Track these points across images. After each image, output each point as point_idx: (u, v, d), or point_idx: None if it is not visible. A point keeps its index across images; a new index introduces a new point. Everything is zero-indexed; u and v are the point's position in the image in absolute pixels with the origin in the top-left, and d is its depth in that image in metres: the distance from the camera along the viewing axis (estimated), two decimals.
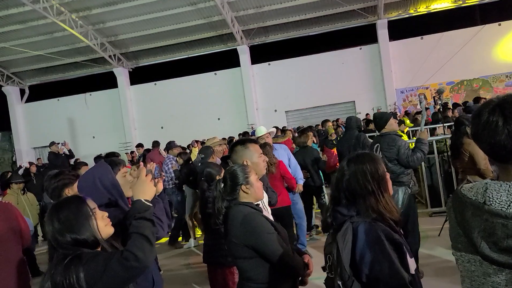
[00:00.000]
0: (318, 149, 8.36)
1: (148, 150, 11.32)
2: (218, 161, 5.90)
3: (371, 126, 9.35)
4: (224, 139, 12.33)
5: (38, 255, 6.98)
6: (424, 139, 4.52)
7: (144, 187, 2.03)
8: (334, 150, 7.69)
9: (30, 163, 13.83)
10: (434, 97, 12.14)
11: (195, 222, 7.63)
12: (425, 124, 8.08)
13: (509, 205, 1.20)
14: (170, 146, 8.40)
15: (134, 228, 1.83)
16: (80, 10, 16.25)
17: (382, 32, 17.43)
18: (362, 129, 7.73)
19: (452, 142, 5.08)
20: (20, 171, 11.27)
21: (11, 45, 17.66)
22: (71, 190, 3.06)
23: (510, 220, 1.18)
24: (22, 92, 21.69)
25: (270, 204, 3.32)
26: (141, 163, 2.20)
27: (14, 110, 21.23)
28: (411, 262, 1.80)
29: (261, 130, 5.97)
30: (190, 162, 7.61)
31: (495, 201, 1.23)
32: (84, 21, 16.87)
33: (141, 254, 1.72)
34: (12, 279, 2.91)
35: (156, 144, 10.85)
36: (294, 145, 7.60)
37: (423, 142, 4.48)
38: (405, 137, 7.34)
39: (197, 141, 11.17)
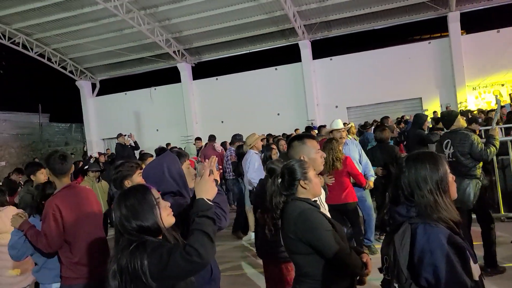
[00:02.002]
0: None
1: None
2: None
3: (440, 124, 8.86)
4: (284, 134, 12.32)
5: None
6: (495, 135, 4.70)
7: (206, 186, 2.06)
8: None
9: (100, 154, 14.60)
10: (510, 94, 11.32)
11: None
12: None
13: None
14: (233, 140, 8.54)
15: (197, 225, 1.87)
16: (147, 7, 16.91)
17: (454, 25, 16.47)
18: (425, 127, 7.46)
19: None
20: (91, 161, 11.93)
21: (84, 42, 18.79)
22: (131, 181, 3.21)
23: None
24: (93, 86, 22.98)
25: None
26: (206, 161, 2.23)
27: (86, 103, 22.56)
28: (475, 268, 1.70)
29: (338, 123, 5.84)
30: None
31: None
32: (151, 18, 17.53)
33: (203, 251, 1.77)
34: (100, 255, 3.33)
35: (212, 138, 10.90)
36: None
37: (495, 137, 4.68)
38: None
39: None
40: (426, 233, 1.70)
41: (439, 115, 10.97)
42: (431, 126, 9.99)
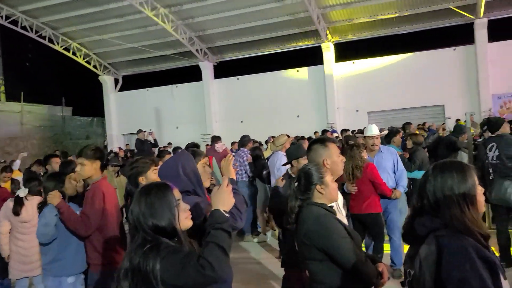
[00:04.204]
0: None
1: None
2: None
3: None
4: (303, 137, 12.22)
5: None
6: None
7: (224, 198, 2.00)
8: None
9: (120, 148, 14.78)
10: None
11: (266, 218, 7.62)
12: None
13: None
14: (243, 142, 8.41)
15: (213, 238, 1.82)
16: (172, 5, 17.06)
17: (481, 33, 16.14)
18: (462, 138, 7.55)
19: None
20: (111, 155, 12.09)
21: (109, 38, 19.07)
22: (145, 178, 3.22)
23: None
24: (116, 81, 23.30)
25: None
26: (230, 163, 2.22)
27: (108, 98, 22.88)
28: (505, 284, 1.61)
29: (371, 130, 5.40)
30: (262, 158, 7.59)
31: None
32: (175, 16, 17.68)
33: (217, 265, 1.73)
34: (122, 243, 3.62)
35: (216, 139, 10.84)
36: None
37: None
38: None
39: (273, 137, 11.17)
40: (454, 246, 1.61)
41: (462, 123, 10.77)
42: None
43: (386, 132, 6.45)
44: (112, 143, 21.89)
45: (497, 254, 4.72)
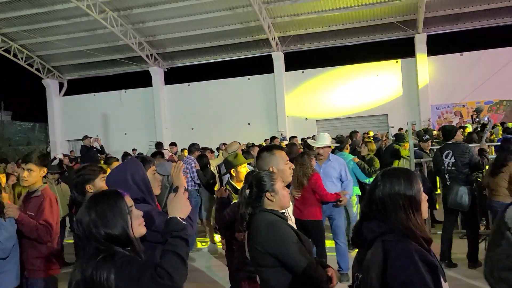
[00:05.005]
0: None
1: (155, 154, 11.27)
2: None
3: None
4: (253, 144, 12.31)
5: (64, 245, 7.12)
6: (485, 149, 5.64)
7: (181, 205, 1.98)
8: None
9: (64, 155, 14.18)
10: (472, 115, 11.82)
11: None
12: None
13: None
14: (192, 149, 8.32)
15: (170, 246, 1.80)
16: (121, 9, 16.70)
17: (421, 47, 17.11)
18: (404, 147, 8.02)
19: (496, 159, 5.42)
20: (54, 162, 11.57)
21: (54, 40, 18.31)
22: (93, 186, 3.07)
23: None
24: (60, 85, 22.38)
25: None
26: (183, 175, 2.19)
27: (52, 103, 21.92)
28: (445, 286, 1.70)
29: (323, 140, 5.48)
30: (208, 165, 7.53)
31: None
32: (125, 20, 17.31)
33: (176, 274, 1.71)
34: None
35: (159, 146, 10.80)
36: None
37: (486, 151, 5.62)
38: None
39: (225, 144, 11.19)
40: (399, 249, 1.67)
41: (404, 132, 11.34)
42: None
43: (346, 144, 6.64)
44: (55, 150, 20.97)
45: (437, 257, 4.98)
